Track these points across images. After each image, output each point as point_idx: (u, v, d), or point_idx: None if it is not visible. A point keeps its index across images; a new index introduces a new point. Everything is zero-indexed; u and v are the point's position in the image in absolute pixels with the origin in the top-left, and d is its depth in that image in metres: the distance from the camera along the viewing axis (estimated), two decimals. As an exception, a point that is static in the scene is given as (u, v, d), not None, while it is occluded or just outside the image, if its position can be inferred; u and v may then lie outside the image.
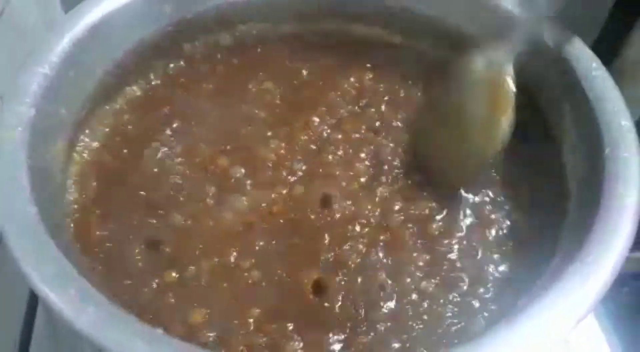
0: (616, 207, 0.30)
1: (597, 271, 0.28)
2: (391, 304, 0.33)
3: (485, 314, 0.33)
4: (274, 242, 0.35)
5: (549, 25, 0.39)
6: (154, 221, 0.36)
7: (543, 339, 0.26)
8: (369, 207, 0.37)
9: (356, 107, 0.43)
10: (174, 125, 0.41)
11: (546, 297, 0.28)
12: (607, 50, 0.40)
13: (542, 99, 0.40)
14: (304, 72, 0.45)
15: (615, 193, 0.31)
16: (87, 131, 0.39)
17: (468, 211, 0.38)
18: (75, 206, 0.36)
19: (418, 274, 0.34)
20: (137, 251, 0.34)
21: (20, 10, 0.52)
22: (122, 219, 0.36)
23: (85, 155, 0.38)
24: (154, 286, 0.33)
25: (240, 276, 0.34)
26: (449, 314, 0.33)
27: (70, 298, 0.25)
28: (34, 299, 0.42)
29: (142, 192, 0.37)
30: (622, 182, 0.31)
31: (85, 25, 0.37)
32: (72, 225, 0.34)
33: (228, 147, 0.40)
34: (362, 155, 0.40)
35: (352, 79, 0.44)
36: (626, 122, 0.34)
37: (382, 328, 0.32)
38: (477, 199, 0.38)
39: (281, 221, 0.36)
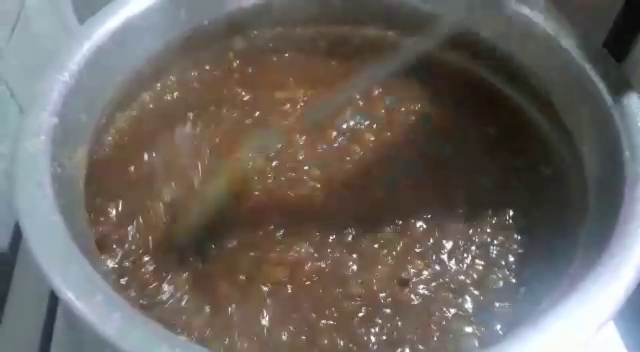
0: (637, 210, 0.30)
1: (618, 277, 0.28)
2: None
3: (504, 320, 0.33)
4: None
5: (565, 27, 0.39)
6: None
7: (563, 346, 0.26)
8: None
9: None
10: (190, 129, 0.41)
11: (565, 304, 0.27)
12: (619, 47, 0.40)
13: (559, 102, 0.40)
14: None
15: (635, 196, 0.31)
16: (106, 137, 0.40)
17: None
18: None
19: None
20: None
21: (35, 17, 0.53)
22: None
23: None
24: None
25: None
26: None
27: (96, 305, 0.25)
28: (53, 304, 0.42)
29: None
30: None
31: (104, 33, 0.37)
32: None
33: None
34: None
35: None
36: (645, 125, 0.34)
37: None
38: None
39: None
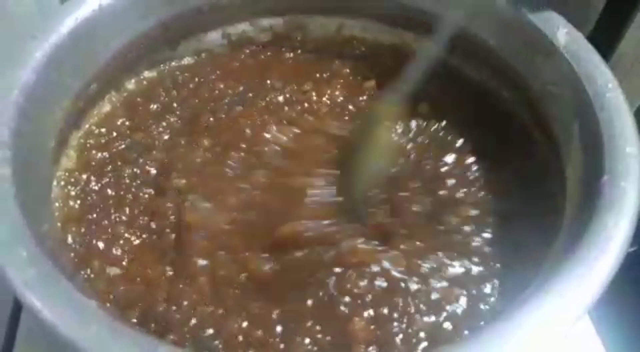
0: (602, 238, 0.28)
1: (595, 270, 0.27)
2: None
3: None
4: None
5: (569, 37, 0.37)
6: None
7: (539, 337, 0.25)
8: None
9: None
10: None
11: (544, 295, 0.27)
12: (603, 44, 0.38)
13: (553, 115, 0.38)
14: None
15: (604, 223, 0.29)
16: (95, 111, 0.41)
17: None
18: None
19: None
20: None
21: (15, 4, 0.53)
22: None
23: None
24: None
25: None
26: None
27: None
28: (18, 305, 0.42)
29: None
30: (615, 212, 0.29)
31: (95, 3, 0.38)
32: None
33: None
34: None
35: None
36: (632, 149, 0.31)
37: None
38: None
39: None
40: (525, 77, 0.40)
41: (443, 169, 0.39)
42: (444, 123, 0.41)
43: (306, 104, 0.43)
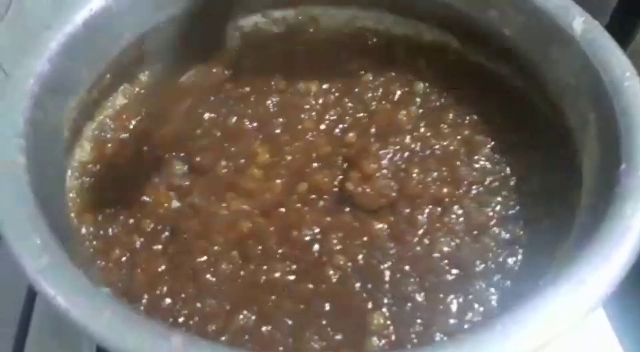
0: (620, 227, 0.28)
1: (610, 260, 0.26)
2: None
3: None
4: None
5: (585, 26, 0.36)
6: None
7: (555, 326, 0.25)
8: None
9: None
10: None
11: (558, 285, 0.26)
12: (620, 32, 0.37)
13: (569, 105, 0.37)
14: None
15: (621, 213, 0.28)
16: (108, 103, 0.41)
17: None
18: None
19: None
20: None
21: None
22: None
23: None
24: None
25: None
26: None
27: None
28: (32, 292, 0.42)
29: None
30: (632, 202, 0.29)
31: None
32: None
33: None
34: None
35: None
36: (650, 138, 0.31)
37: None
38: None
39: None
40: (541, 67, 0.39)
41: (458, 156, 0.38)
42: (457, 111, 0.41)
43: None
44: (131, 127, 0.41)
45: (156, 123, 0.42)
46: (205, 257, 0.34)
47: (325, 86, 0.43)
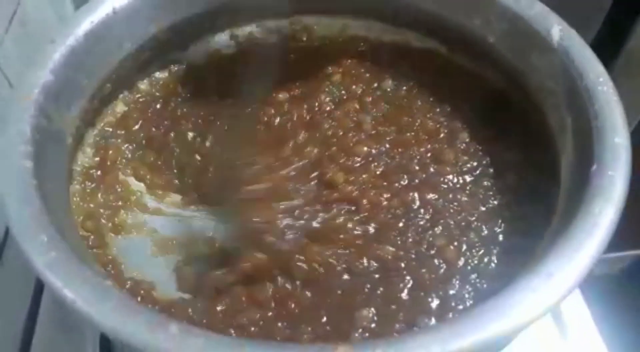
0: (588, 224, 0.30)
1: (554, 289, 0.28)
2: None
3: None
4: None
5: (562, 34, 0.38)
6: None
7: (527, 316, 0.27)
8: None
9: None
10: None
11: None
12: (610, 41, 0.40)
13: (549, 109, 0.39)
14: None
15: (590, 211, 0.31)
16: (109, 111, 0.44)
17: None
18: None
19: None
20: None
21: (32, 8, 0.56)
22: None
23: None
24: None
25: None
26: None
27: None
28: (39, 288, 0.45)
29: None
30: (601, 201, 0.31)
31: (110, 6, 0.40)
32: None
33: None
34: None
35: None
36: (620, 140, 0.33)
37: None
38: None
39: None
40: (523, 72, 0.41)
41: (441, 157, 0.41)
42: (442, 111, 0.44)
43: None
44: (131, 134, 0.44)
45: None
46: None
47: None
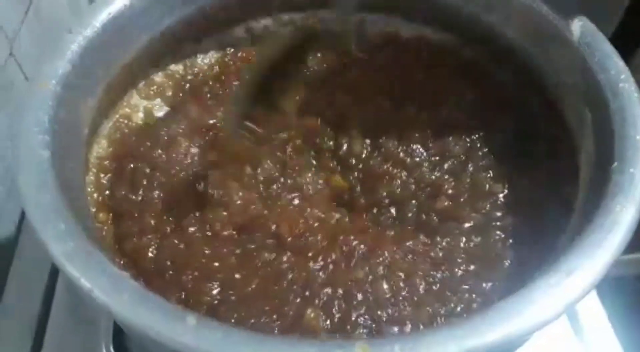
0: (608, 222, 0.30)
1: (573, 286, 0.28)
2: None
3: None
4: None
5: (583, 29, 0.38)
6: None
7: (548, 313, 0.28)
8: None
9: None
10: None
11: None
12: (628, 39, 0.40)
13: (567, 106, 0.40)
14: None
15: (610, 208, 0.31)
16: (124, 102, 0.44)
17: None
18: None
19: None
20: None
21: (47, 3, 0.57)
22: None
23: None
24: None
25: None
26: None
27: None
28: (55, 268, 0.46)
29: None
30: (621, 198, 0.31)
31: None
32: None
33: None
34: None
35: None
36: (641, 137, 0.33)
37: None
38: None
39: None
40: (540, 67, 0.42)
41: (458, 157, 0.41)
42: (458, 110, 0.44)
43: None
44: (144, 125, 0.45)
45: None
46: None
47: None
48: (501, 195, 0.40)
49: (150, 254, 0.37)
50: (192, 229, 0.38)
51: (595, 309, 0.46)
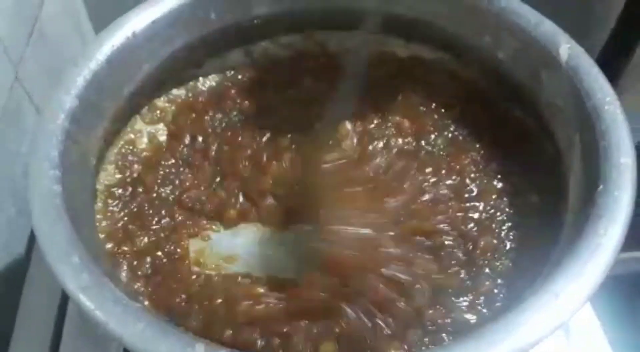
0: (592, 244, 0.32)
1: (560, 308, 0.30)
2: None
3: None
4: None
5: (571, 52, 0.40)
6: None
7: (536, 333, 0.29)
8: None
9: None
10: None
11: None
12: (621, 47, 0.42)
13: (558, 127, 0.41)
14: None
15: (595, 231, 0.33)
16: (128, 129, 0.46)
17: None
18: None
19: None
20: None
21: (51, 22, 0.59)
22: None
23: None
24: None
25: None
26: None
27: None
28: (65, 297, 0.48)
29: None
30: (606, 221, 0.33)
31: (132, 28, 0.43)
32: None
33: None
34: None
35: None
36: (626, 160, 0.35)
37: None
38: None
39: None
40: (532, 89, 0.44)
41: (451, 177, 0.43)
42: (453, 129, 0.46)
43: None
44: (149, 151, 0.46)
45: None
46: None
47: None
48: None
49: None
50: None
51: (586, 314, 0.47)
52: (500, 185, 0.43)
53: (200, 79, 0.50)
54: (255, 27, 0.49)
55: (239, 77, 0.51)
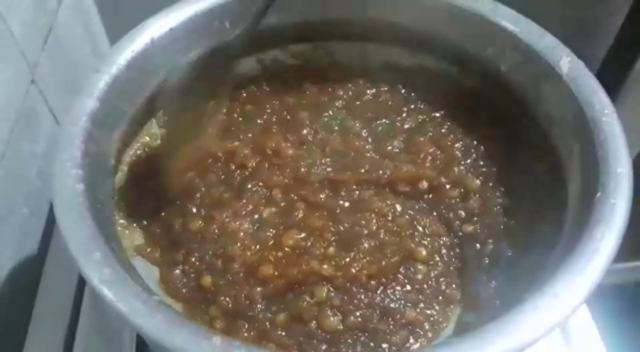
0: (590, 249, 0.34)
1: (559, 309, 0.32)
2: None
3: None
4: None
5: (571, 65, 0.42)
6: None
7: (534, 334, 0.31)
8: None
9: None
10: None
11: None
12: (625, 53, 0.43)
13: (558, 137, 0.43)
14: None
15: (592, 236, 0.34)
16: (144, 132, 0.48)
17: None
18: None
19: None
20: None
21: (65, 30, 0.61)
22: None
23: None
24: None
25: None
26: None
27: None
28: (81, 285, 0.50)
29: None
30: (603, 227, 0.35)
31: (148, 37, 0.45)
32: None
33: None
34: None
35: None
36: (622, 170, 0.37)
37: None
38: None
39: None
40: (533, 100, 0.46)
41: (452, 186, 0.45)
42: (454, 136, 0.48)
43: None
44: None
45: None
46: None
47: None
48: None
49: None
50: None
51: (582, 316, 0.49)
52: (501, 192, 0.45)
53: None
54: (266, 36, 0.51)
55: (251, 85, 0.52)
